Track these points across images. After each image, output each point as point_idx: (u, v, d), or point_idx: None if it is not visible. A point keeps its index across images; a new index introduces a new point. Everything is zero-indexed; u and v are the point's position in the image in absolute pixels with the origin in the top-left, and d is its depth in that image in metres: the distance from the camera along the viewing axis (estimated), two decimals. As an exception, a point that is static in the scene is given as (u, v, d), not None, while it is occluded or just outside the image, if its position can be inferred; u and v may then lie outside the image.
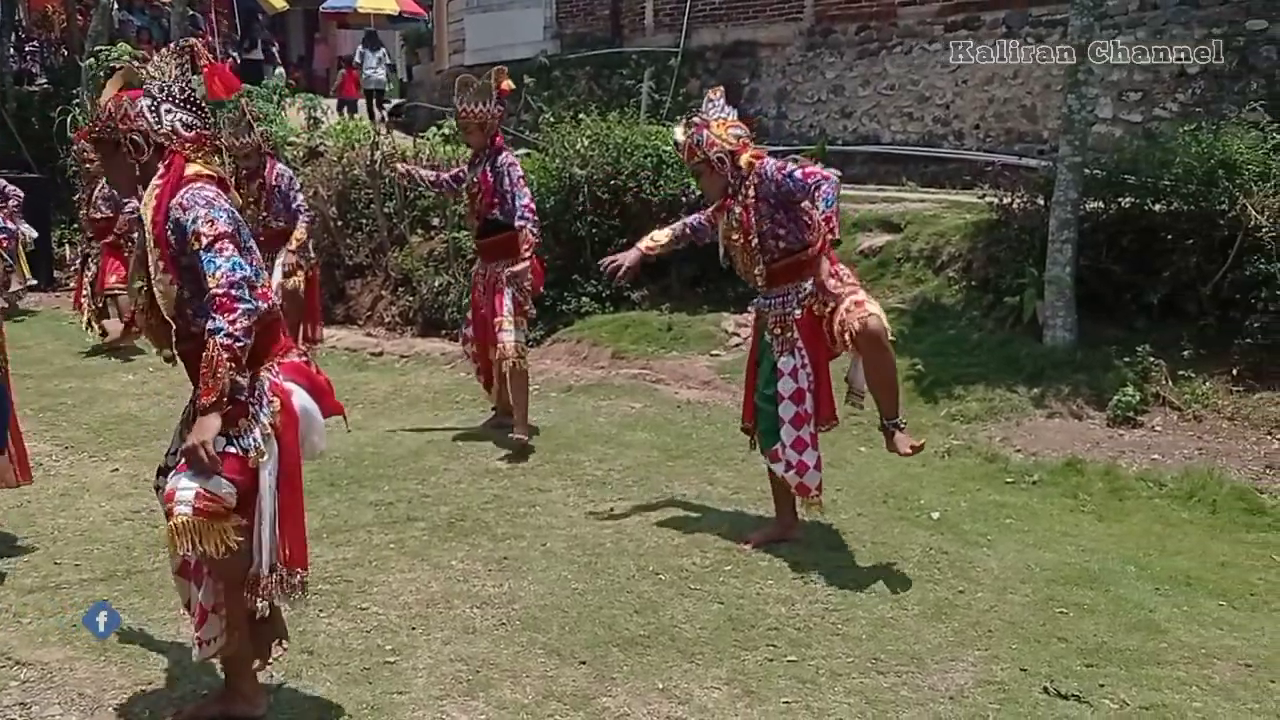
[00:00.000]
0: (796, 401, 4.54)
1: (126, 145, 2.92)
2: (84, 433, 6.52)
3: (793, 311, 4.53)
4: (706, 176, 4.60)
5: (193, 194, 2.81)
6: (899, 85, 11.51)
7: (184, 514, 2.75)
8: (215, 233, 2.75)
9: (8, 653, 3.66)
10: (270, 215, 7.17)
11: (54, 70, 16.84)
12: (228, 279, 2.70)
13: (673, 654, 3.75)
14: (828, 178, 4.21)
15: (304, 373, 3.04)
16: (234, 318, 2.69)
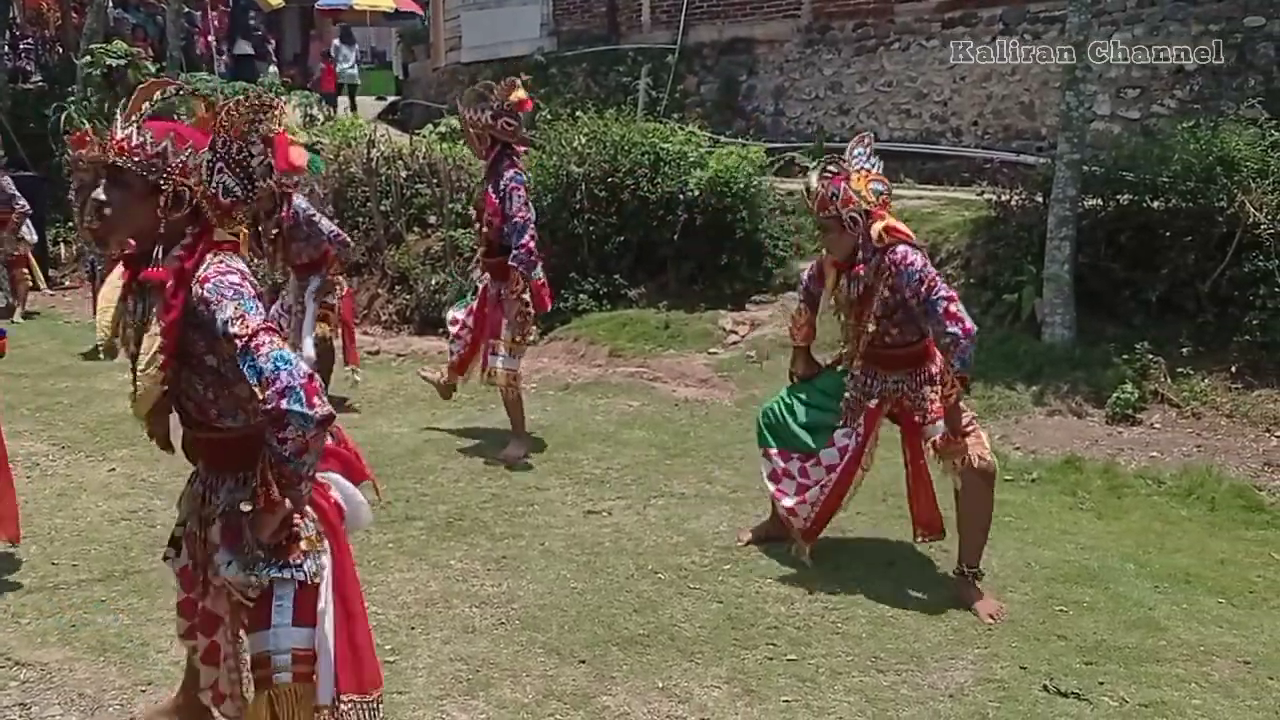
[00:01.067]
0: (828, 472, 4.42)
1: (168, 196, 2.48)
2: (80, 432, 6.50)
3: (868, 401, 4.35)
4: (835, 234, 4.19)
5: (216, 282, 2.40)
6: (897, 82, 11.51)
7: (284, 681, 2.49)
8: (249, 329, 2.33)
9: (7, 653, 3.65)
10: (293, 254, 6.94)
11: (49, 68, 16.83)
12: (278, 383, 2.28)
13: (672, 653, 3.75)
14: (969, 333, 3.95)
15: (336, 455, 2.76)
16: (286, 435, 2.29)
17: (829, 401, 4.48)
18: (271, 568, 2.48)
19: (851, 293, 4.21)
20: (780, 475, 4.53)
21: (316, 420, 2.29)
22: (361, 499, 2.80)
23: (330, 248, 6.94)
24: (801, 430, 4.49)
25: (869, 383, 4.33)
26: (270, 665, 2.49)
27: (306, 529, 2.53)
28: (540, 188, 9.55)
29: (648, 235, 9.22)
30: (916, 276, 4.01)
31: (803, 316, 4.63)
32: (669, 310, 8.87)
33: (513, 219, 5.75)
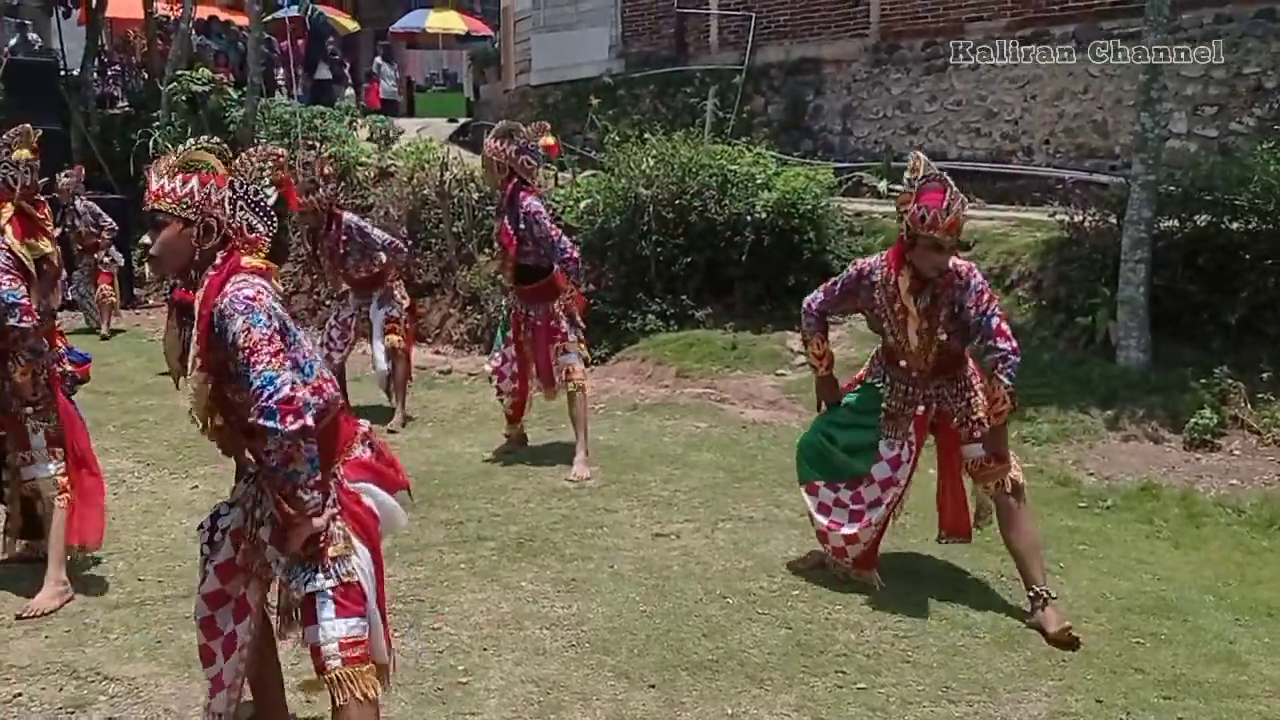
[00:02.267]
0: (884, 487, 4.42)
1: (199, 228, 2.80)
2: (164, 449, 6.70)
3: (913, 409, 4.36)
4: (946, 255, 4.10)
5: (233, 296, 2.67)
6: (966, 101, 11.41)
7: (336, 666, 2.72)
8: (250, 343, 2.61)
9: (96, 668, 3.78)
10: (348, 269, 7.12)
11: (135, 93, 17.35)
12: (259, 400, 2.55)
13: (741, 679, 3.76)
14: (1015, 351, 4.05)
15: (368, 466, 2.95)
16: (269, 448, 2.59)
17: (864, 418, 4.48)
18: (308, 576, 2.75)
19: (920, 305, 4.21)
20: (829, 507, 4.51)
21: (286, 434, 2.56)
22: (394, 504, 3.02)
23: (385, 256, 7.10)
24: (844, 455, 4.48)
25: (910, 390, 4.35)
26: (322, 655, 2.74)
27: (335, 535, 2.76)
28: (608, 209, 9.66)
29: (715, 256, 9.25)
30: (979, 288, 4.10)
31: (821, 346, 4.61)
32: (736, 331, 8.88)
33: (548, 238, 5.98)
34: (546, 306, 6.17)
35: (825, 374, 4.64)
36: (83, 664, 3.81)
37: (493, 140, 6.05)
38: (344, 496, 2.83)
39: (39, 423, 4.39)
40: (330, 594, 2.73)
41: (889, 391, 4.40)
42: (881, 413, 4.40)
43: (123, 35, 20.33)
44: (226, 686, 3.06)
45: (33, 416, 4.38)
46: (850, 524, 4.46)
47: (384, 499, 2.96)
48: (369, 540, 2.86)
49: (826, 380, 4.66)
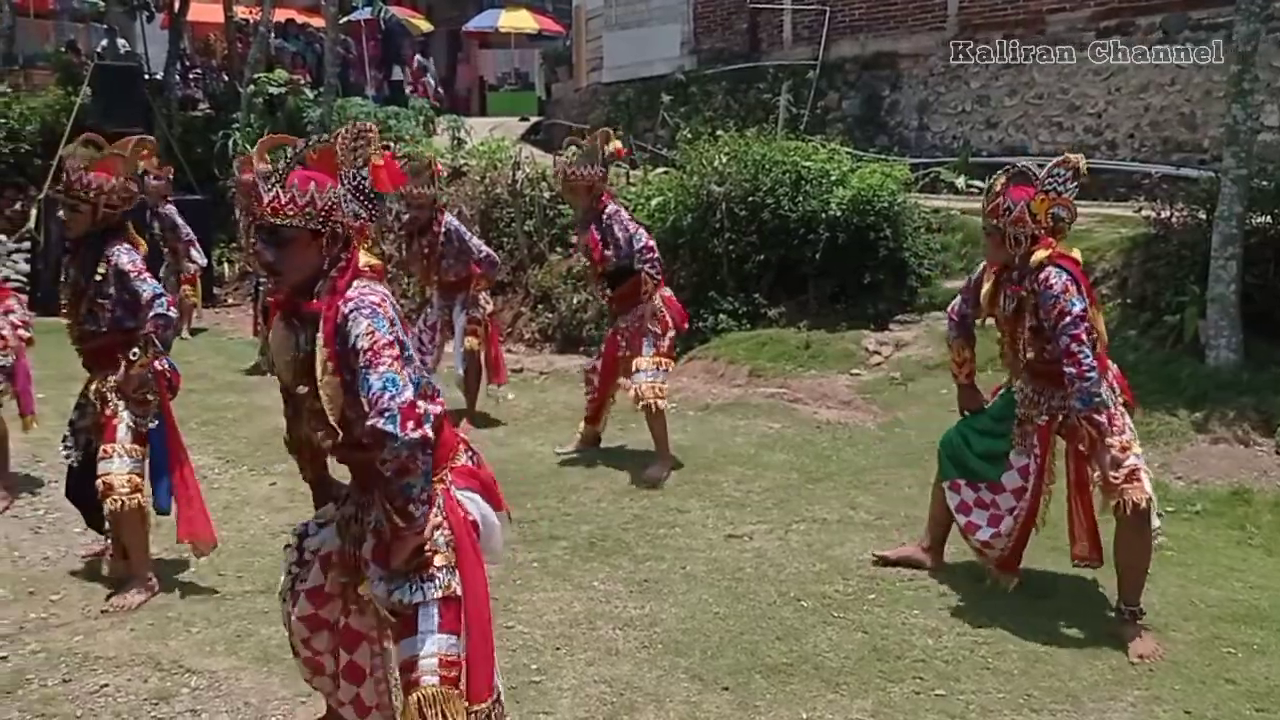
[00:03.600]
0: (1016, 497, 4.32)
1: (328, 236, 2.66)
2: (244, 446, 6.82)
3: (1038, 418, 4.22)
4: (993, 242, 4.11)
5: (359, 300, 2.57)
6: (1047, 94, 11.18)
7: (431, 684, 2.58)
8: (373, 345, 2.50)
9: (179, 660, 3.85)
10: (442, 270, 7.14)
11: (215, 96, 17.71)
12: (378, 404, 2.43)
13: (816, 683, 3.70)
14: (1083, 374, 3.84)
15: (474, 475, 2.84)
16: (384, 456, 2.45)
17: (1000, 426, 4.39)
18: (412, 587, 2.61)
19: (1006, 309, 4.14)
20: (970, 506, 4.43)
21: (407, 443, 2.42)
22: (496, 522, 2.87)
23: (478, 266, 7.12)
24: (979, 461, 4.40)
25: (1037, 399, 4.22)
26: (417, 669, 2.59)
27: (439, 545, 2.64)
28: (680, 207, 9.62)
29: (788, 254, 9.16)
30: (1051, 300, 3.93)
31: (961, 354, 4.51)
32: (810, 330, 8.79)
33: (628, 233, 5.99)
34: (636, 314, 6.10)
35: (965, 383, 4.55)
36: (166, 656, 3.88)
37: (580, 169, 6.02)
38: (449, 504, 2.70)
39: (134, 419, 4.48)
40: (435, 606, 2.61)
41: (1018, 398, 4.30)
42: (1015, 422, 4.30)
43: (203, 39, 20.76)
44: (374, 708, 3.01)
45: (127, 408, 4.46)
46: (987, 528, 4.38)
47: (488, 512, 2.82)
48: (472, 553, 2.72)
49: (966, 390, 4.57)
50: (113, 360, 4.41)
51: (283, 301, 2.74)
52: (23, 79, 17.58)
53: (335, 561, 2.88)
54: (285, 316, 2.72)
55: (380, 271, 2.74)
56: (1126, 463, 3.96)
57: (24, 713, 3.49)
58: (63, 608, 4.37)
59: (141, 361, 4.36)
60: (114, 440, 4.43)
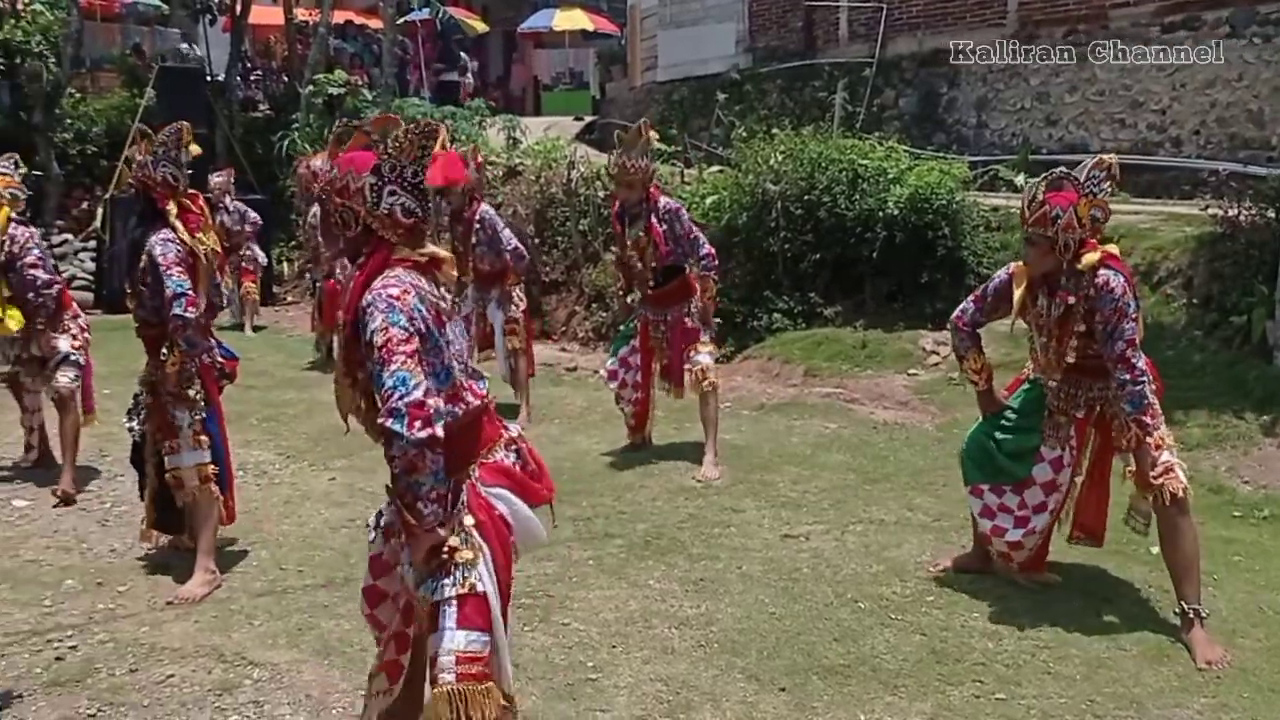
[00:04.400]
0: (1046, 491, 4.30)
1: (335, 218, 2.73)
2: (304, 442, 6.91)
3: (1075, 411, 4.22)
4: (1040, 252, 4.01)
5: (377, 294, 2.56)
6: (1110, 90, 10.98)
7: (448, 681, 2.57)
8: (385, 342, 2.48)
9: (241, 652, 3.91)
10: (475, 257, 7.19)
11: (275, 97, 17.97)
12: (389, 403, 2.44)
13: (874, 685, 3.67)
14: (1136, 378, 3.87)
15: (507, 473, 2.79)
16: (392, 453, 2.47)
17: (1028, 420, 4.34)
18: (432, 584, 2.62)
19: (1052, 314, 4.08)
20: (994, 511, 4.38)
21: (413, 442, 2.43)
22: (530, 515, 2.84)
23: (512, 260, 7.17)
24: (1008, 460, 4.35)
25: (1074, 393, 4.20)
26: (437, 665, 2.61)
27: (460, 543, 2.62)
28: (735, 205, 9.58)
29: (845, 253, 9.09)
30: (1111, 305, 3.91)
31: (978, 361, 4.46)
32: (866, 329, 8.71)
33: (689, 235, 6.03)
34: (681, 307, 6.16)
35: (985, 388, 4.50)
36: (229, 648, 3.94)
37: (633, 160, 6.02)
38: (474, 500, 2.68)
39: (186, 413, 4.55)
40: (453, 601, 2.60)
41: (1052, 393, 4.26)
42: (1046, 414, 4.28)
43: (264, 41, 21.09)
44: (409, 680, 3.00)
45: (175, 405, 4.53)
46: (1015, 530, 4.34)
47: (519, 508, 2.79)
48: (499, 551, 2.70)
49: (986, 395, 4.51)
50: (156, 352, 4.49)
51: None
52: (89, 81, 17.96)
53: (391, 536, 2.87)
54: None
55: (439, 262, 2.73)
56: (1161, 459, 3.96)
57: (93, 701, 3.57)
58: (129, 599, 4.46)
59: (170, 361, 4.43)
60: (176, 436, 4.52)
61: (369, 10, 21.54)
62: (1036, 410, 4.32)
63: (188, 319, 4.34)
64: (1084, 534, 4.44)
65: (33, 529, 5.36)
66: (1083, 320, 4.01)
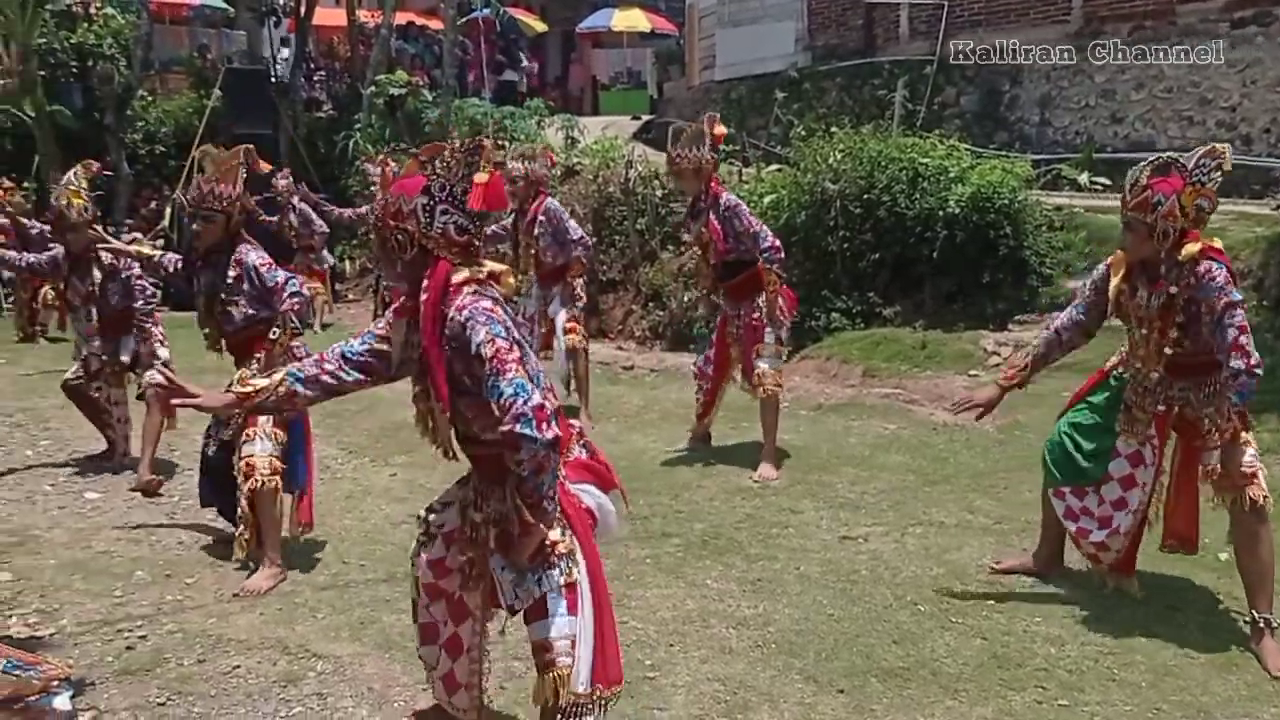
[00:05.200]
0: (1125, 486, 4.22)
1: (392, 243, 2.73)
2: (365, 438, 7.01)
3: (1154, 405, 4.10)
4: (1138, 239, 3.89)
5: (472, 308, 2.60)
6: (1177, 87, 10.78)
7: (566, 664, 2.68)
8: (496, 352, 2.53)
9: (305, 645, 3.97)
10: (540, 250, 7.21)
11: (337, 97, 18.24)
12: (512, 409, 2.46)
13: (934, 689, 3.64)
14: (1252, 369, 3.68)
15: (589, 468, 2.89)
16: (521, 458, 2.50)
17: (1107, 418, 4.25)
18: (538, 576, 2.70)
19: (1151, 305, 3.96)
20: (1077, 513, 4.31)
21: (544, 443, 2.47)
22: (612, 508, 2.94)
23: (577, 250, 7.17)
24: (1088, 461, 4.26)
25: (1156, 389, 4.08)
26: (554, 650, 2.69)
27: (561, 535, 2.71)
28: (793, 204, 9.56)
29: (904, 252, 9.03)
30: (1215, 292, 3.76)
31: (1023, 363, 4.39)
32: (926, 330, 8.64)
33: (751, 230, 5.98)
34: (752, 302, 6.14)
35: (1007, 387, 4.36)
36: (293, 641, 4.01)
37: (688, 149, 6.01)
38: (565, 499, 2.75)
39: None
40: (562, 590, 2.70)
41: (1132, 388, 4.17)
42: (1122, 408, 4.19)
43: (327, 42, 21.40)
44: (463, 685, 3.11)
45: None
46: (1099, 531, 4.26)
47: (604, 501, 2.89)
48: (587, 544, 2.79)
49: (1000, 394, 4.37)
50: (255, 349, 4.64)
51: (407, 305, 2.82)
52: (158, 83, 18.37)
53: (456, 538, 2.98)
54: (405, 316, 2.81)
55: (498, 277, 2.77)
56: (1245, 459, 3.86)
57: (163, 690, 3.65)
58: (197, 591, 4.55)
59: (280, 340, 4.57)
60: (256, 423, 4.60)
61: (430, 11, 21.74)
62: (1114, 405, 4.23)
63: (305, 295, 4.65)
64: (1176, 541, 4.31)
65: (104, 521, 5.51)
66: (1182, 311, 3.89)
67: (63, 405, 7.42)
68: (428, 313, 2.66)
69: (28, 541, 5.17)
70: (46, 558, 4.95)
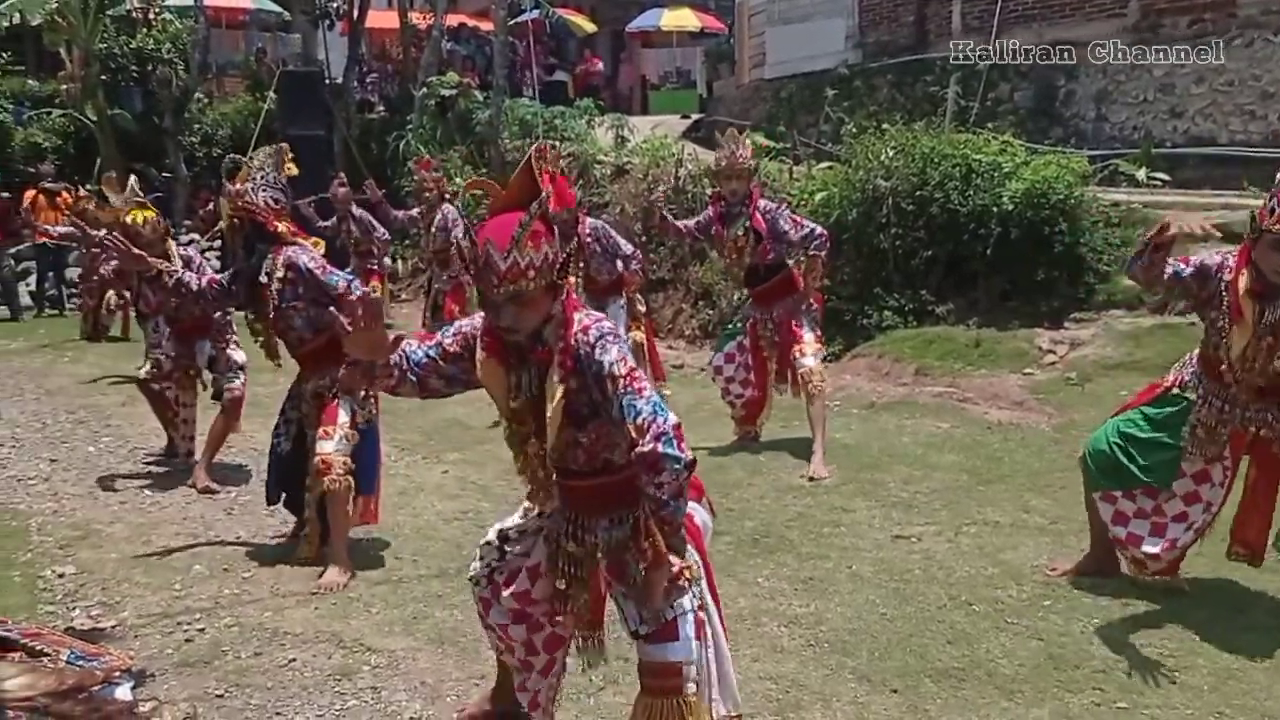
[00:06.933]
0: (1187, 502, 4.11)
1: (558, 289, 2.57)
2: (418, 435, 7.07)
3: (1233, 423, 3.96)
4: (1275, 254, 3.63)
5: (598, 329, 2.52)
6: (1239, 81, 10.53)
7: (692, 691, 2.61)
8: (628, 373, 2.43)
9: (360, 639, 4.02)
10: (592, 271, 7.19)
11: (390, 99, 18.40)
12: (654, 429, 2.32)
13: (990, 690, 3.60)
14: None
15: (696, 485, 2.77)
16: (663, 479, 2.33)
17: (1165, 433, 4.10)
18: (670, 604, 2.60)
19: (1269, 317, 3.72)
20: (1129, 517, 4.21)
21: (687, 463, 2.34)
22: (709, 520, 2.90)
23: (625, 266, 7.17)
24: (1143, 471, 4.13)
25: (1228, 408, 3.96)
26: (682, 675, 2.60)
27: (689, 558, 2.60)
28: (845, 202, 9.49)
29: (957, 249, 8.93)
30: None
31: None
32: (979, 328, 8.54)
33: (798, 227, 6.04)
34: (785, 305, 6.15)
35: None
36: (348, 635, 4.06)
37: (740, 150, 6.05)
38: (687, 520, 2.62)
39: (351, 407, 4.70)
40: (691, 614, 2.61)
41: (1202, 406, 4.01)
42: (1189, 428, 4.03)
43: (380, 44, 21.61)
44: (541, 708, 3.10)
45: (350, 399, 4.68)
46: (1152, 540, 4.14)
47: (706, 518, 2.85)
48: (707, 564, 2.75)
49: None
50: (329, 359, 4.43)
51: (501, 347, 2.64)
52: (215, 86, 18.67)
53: (544, 573, 2.91)
54: (505, 360, 2.64)
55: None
56: None
57: (220, 682, 3.71)
58: (253, 585, 4.62)
59: None
60: (334, 422, 4.65)
61: (481, 13, 21.87)
62: (1176, 423, 4.07)
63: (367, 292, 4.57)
64: (1245, 550, 4.20)
65: (163, 516, 5.61)
66: None
67: (124, 402, 7.60)
68: (569, 334, 2.53)
69: (90, 536, 5.28)
70: (108, 552, 5.05)
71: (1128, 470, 4.15)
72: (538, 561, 2.93)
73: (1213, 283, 3.82)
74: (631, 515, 2.66)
